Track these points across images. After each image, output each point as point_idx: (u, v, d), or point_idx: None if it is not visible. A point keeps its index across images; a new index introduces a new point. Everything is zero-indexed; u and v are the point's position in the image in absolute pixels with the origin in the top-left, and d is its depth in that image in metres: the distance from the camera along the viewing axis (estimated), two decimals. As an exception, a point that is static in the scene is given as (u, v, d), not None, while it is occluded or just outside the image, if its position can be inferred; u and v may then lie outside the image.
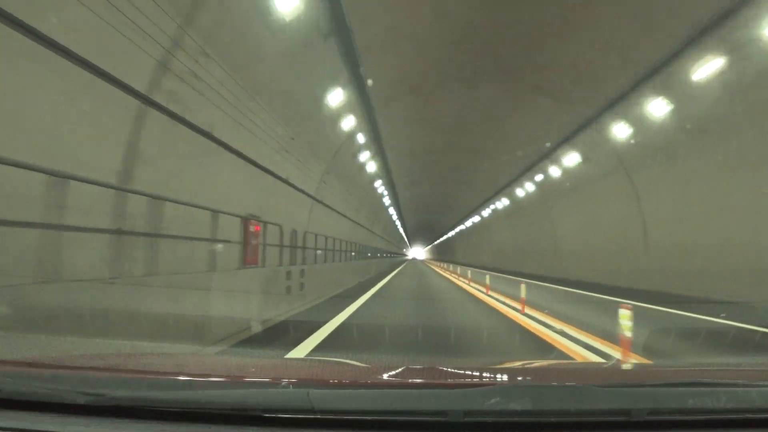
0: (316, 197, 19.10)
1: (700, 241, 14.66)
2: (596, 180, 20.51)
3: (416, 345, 6.01)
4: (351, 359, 2.45)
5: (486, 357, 6.10)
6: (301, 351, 5.67)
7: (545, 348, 6.63)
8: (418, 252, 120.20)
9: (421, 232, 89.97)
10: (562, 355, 6.16)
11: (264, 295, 8.38)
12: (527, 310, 10.37)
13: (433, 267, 49.88)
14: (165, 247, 7.29)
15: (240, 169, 11.63)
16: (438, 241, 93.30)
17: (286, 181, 14.74)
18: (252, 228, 9.86)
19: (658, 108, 14.38)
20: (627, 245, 19.11)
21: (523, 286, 11.29)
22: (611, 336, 6.48)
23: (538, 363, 3.75)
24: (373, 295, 14.20)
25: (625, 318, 5.17)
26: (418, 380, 1.98)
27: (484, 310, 11.49)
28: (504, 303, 12.46)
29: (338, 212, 24.19)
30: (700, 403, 1.45)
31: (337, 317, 8.68)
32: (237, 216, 9.39)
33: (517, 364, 2.88)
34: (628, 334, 5.14)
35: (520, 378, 2.12)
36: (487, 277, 18.06)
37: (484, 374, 2.09)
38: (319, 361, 2.44)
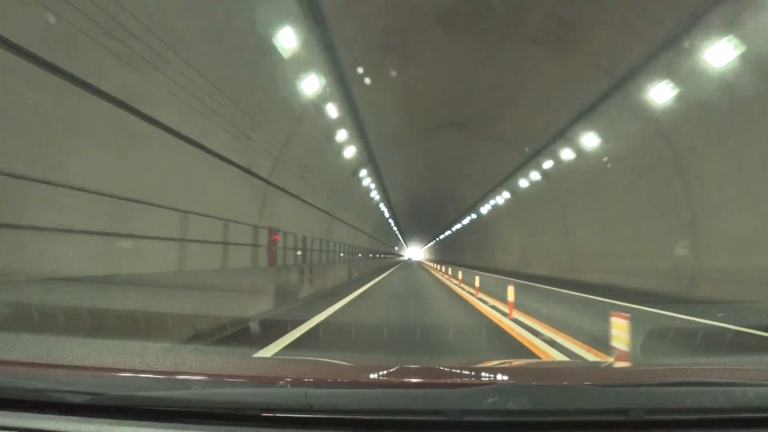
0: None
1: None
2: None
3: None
4: (348, 359, 2.45)
5: (484, 356, 6.09)
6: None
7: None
8: (415, 252, 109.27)
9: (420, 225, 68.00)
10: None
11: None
12: None
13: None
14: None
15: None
16: (444, 235, 68.17)
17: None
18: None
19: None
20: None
21: None
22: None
23: (536, 362, 3.75)
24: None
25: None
26: (417, 379, 1.98)
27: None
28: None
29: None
30: (698, 402, 1.45)
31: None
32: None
33: (516, 363, 2.88)
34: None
35: (518, 377, 2.12)
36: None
37: (483, 374, 2.09)
38: (317, 360, 2.44)
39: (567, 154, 20.44)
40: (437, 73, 16.29)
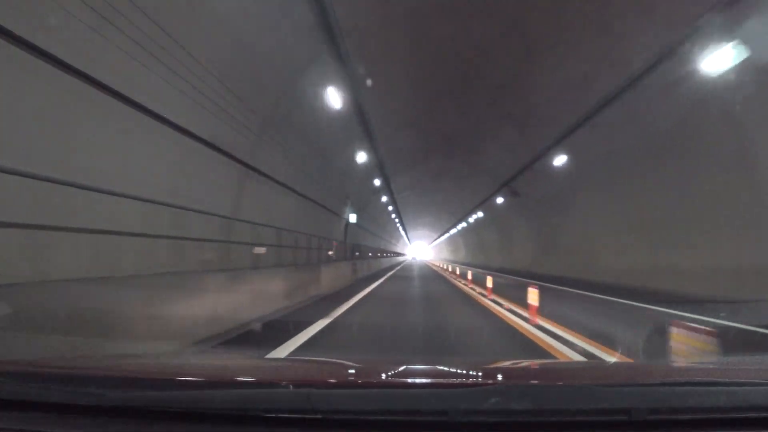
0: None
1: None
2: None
3: None
4: (351, 359, 2.45)
5: (486, 357, 6.08)
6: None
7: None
8: (420, 249, 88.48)
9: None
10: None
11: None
12: None
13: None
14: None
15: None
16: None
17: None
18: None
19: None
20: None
21: None
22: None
23: (538, 363, 3.74)
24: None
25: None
26: (419, 380, 1.98)
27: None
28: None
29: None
30: (700, 402, 1.45)
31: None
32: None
33: (518, 363, 2.87)
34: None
35: (520, 378, 2.12)
36: None
37: (485, 374, 2.08)
38: (320, 361, 2.44)
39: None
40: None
